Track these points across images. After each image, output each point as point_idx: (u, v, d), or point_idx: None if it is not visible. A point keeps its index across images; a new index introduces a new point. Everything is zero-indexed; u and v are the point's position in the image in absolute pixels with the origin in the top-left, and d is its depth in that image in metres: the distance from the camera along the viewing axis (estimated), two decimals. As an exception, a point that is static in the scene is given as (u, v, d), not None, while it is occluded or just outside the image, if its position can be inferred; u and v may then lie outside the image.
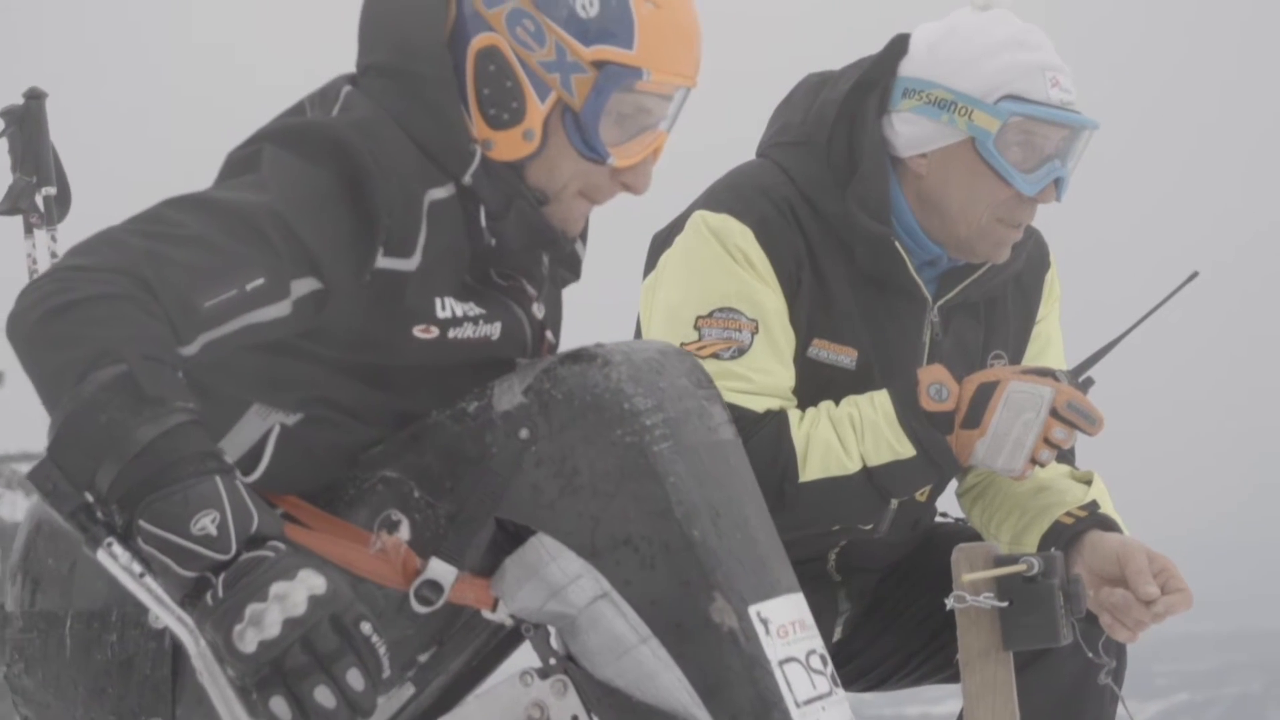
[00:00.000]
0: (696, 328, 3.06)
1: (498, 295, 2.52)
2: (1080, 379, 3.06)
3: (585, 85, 2.45)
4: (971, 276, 3.17)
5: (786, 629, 2.38)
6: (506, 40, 2.46)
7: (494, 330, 2.49)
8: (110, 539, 2.17)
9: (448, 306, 2.46)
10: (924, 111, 3.07)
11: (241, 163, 2.42)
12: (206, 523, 2.13)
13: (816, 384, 3.09)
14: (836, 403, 3.06)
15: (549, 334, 2.61)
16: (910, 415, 3.01)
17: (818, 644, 2.41)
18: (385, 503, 2.43)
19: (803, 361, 3.09)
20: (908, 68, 3.11)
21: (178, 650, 2.40)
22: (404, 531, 2.41)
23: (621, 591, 2.36)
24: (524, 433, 2.39)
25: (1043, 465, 3.04)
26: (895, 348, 3.12)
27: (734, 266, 3.07)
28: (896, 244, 3.09)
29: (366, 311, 2.41)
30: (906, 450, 3.01)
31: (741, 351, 3.04)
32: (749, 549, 2.39)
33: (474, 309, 2.48)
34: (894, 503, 3.13)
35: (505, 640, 2.57)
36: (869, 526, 3.14)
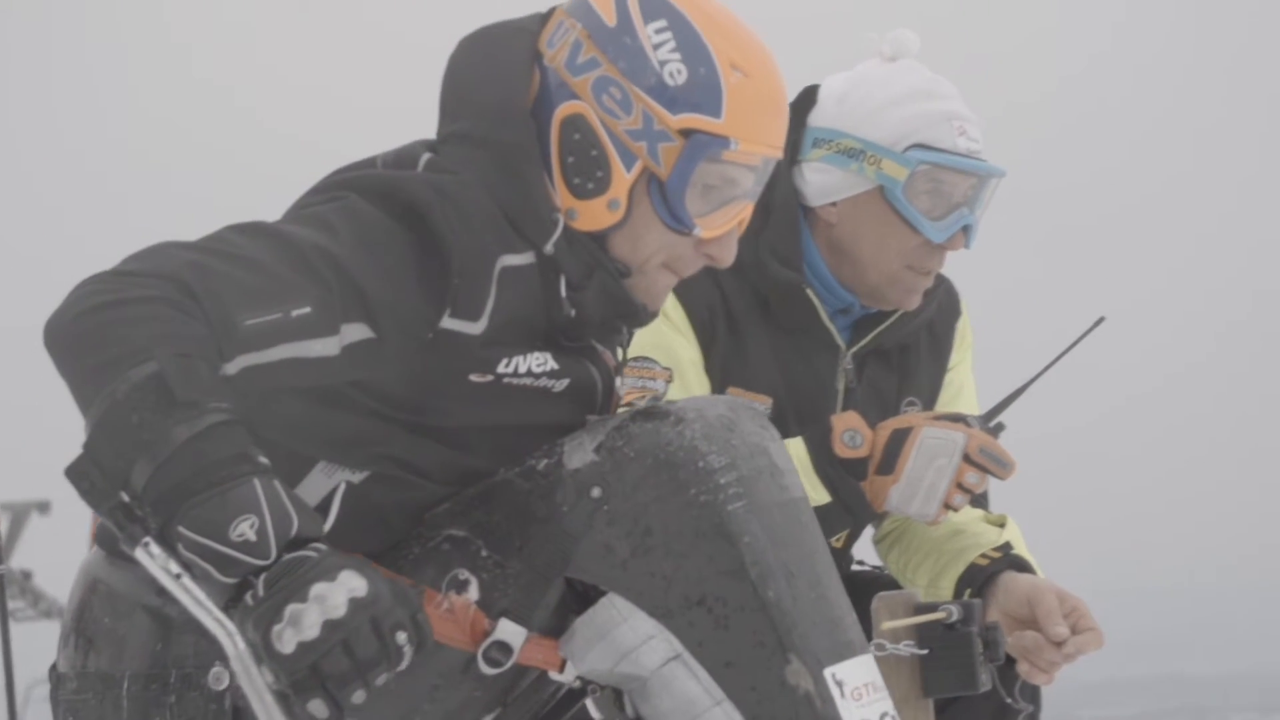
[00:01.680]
0: None
1: (570, 352, 2.49)
2: (991, 424, 3.10)
3: (672, 154, 2.41)
4: (884, 324, 3.20)
5: (861, 691, 2.36)
6: (592, 108, 2.43)
7: (558, 384, 2.46)
8: (147, 538, 2.13)
9: (512, 363, 2.42)
10: (833, 161, 3.11)
11: (307, 200, 2.39)
12: (245, 528, 2.10)
13: None
14: None
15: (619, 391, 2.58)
16: (825, 462, 3.04)
17: (889, 705, 2.40)
18: (452, 562, 2.40)
19: None
20: (817, 118, 3.15)
21: (238, 713, 2.37)
22: (472, 591, 2.38)
23: (694, 653, 2.33)
24: (596, 491, 2.37)
25: (956, 510, 3.08)
26: (809, 395, 3.15)
27: None
28: (809, 292, 3.12)
29: (425, 366, 2.37)
30: (821, 497, 3.03)
31: (656, 400, 3.04)
32: (823, 609, 2.37)
33: (548, 363, 2.44)
34: None
35: (566, 699, 2.52)
36: None
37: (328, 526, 2.39)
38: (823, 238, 3.15)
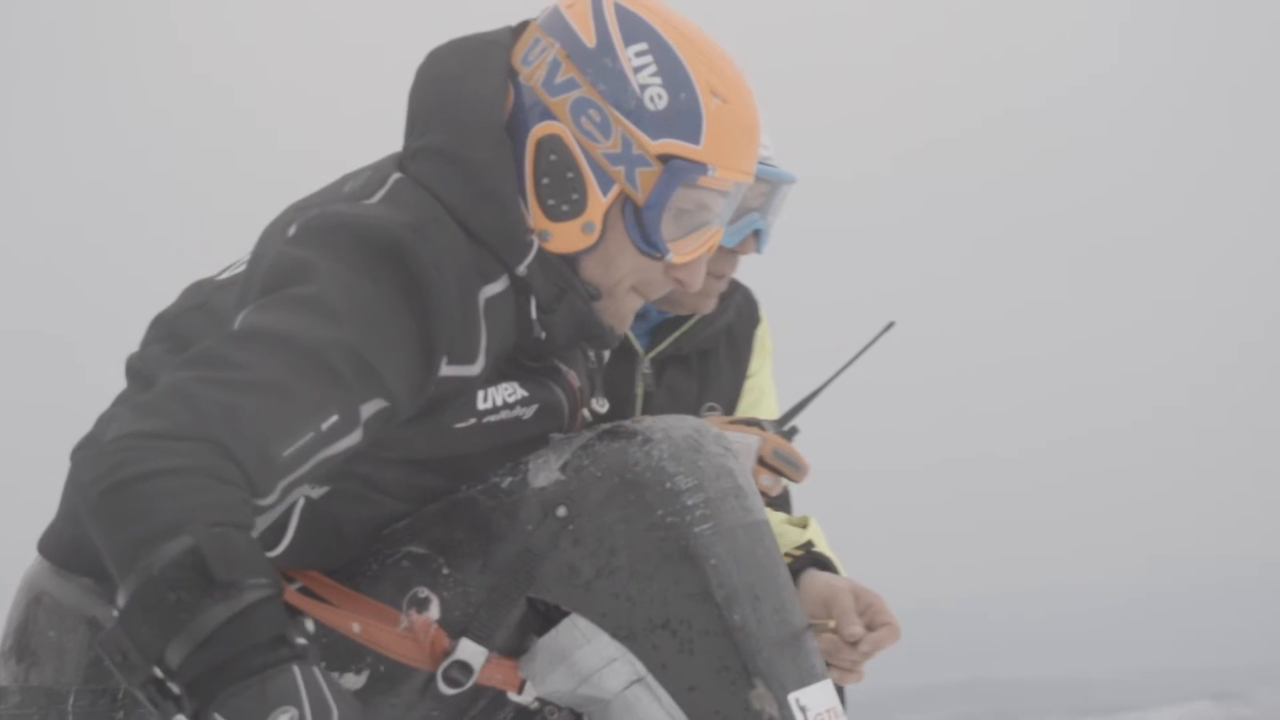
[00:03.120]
0: None
1: (534, 375, 2.46)
2: (785, 428, 3.13)
3: (650, 179, 2.38)
4: (681, 329, 3.24)
5: (823, 716, 2.35)
6: (570, 129, 2.39)
7: (528, 411, 2.43)
8: (180, 716, 2.05)
9: (489, 397, 2.39)
10: None
11: (292, 270, 2.28)
12: None
13: None
14: None
15: (584, 411, 2.55)
16: None
17: None
18: (412, 579, 2.36)
19: None
20: None
21: None
22: (433, 610, 2.34)
23: (658, 676, 2.32)
24: (561, 510, 2.34)
25: None
26: (611, 401, 3.07)
27: None
28: None
29: (419, 415, 2.34)
30: None
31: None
32: (786, 634, 2.36)
33: (516, 392, 2.41)
34: None
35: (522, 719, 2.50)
36: None
37: (285, 543, 2.35)
38: None
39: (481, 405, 2.37)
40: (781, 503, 3.26)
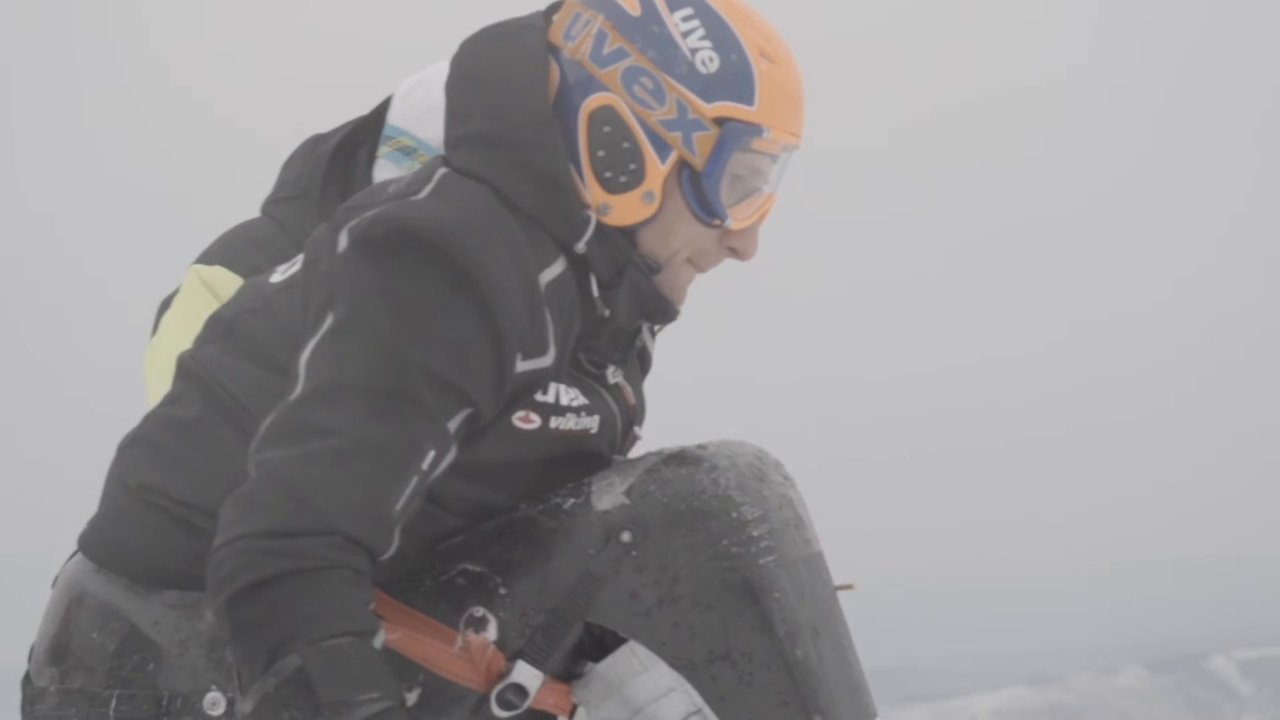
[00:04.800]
0: None
1: (594, 384, 2.41)
2: None
3: (708, 143, 2.34)
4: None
5: None
6: (623, 99, 2.34)
7: (593, 423, 2.39)
8: None
9: (551, 390, 2.35)
10: (393, 158, 3.12)
11: (350, 291, 2.25)
12: None
13: None
14: None
15: (636, 428, 2.51)
16: None
17: None
18: (468, 598, 2.32)
19: None
20: (391, 113, 3.17)
21: None
22: (491, 631, 2.30)
23: (715, 708, 2.28)
24: (626, 536, 2.30)
25: None
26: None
27: None
28: None
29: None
30: None
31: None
32: (844, 670, 2.34)
33: (578, 397, 2.38)
34: None
35: None
36: None
37: None
38: None
39: (542, 397, 2.34)
40: None
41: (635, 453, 2.50)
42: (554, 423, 2.35)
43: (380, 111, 3.17)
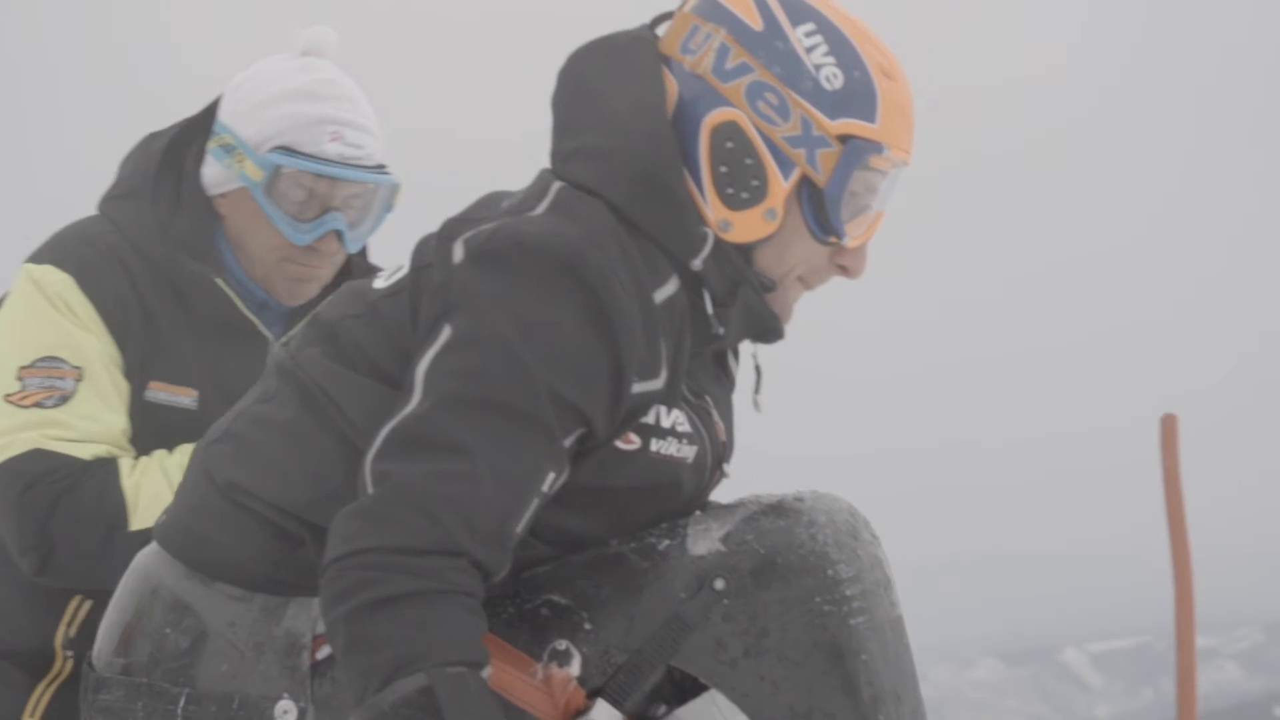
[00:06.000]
0: (19, 378, 3.00)
1: (696, 414, 2.37)
2: None
3: (830, 160, 2.30)
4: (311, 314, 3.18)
5: None
6: (747, 114, 2.30)
7: (691, 453, 2.35)
8: None
9: (653, 411, 2.31)
10: (216, 155, 3.10)
11: (471, 304, 2.21)
12: None
13: (159, 427, 3.06)
14: (171, 450, 3.06)
15: (725, 465, 2.47)
16: None
17: None
18: (551, 629, 2.28)
19: (141, 406, 3.06)
20: (220, 111, 3.15)
21: None
22: (575, 666, 2.26)
23: None
24: (719, 583, 2.27)
25: None
26: (237, 387, 3.02)
27: (55, 315, 3.03)
28: (220, 283, 3.09)
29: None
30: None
31: (65, 399, 2.99)
32: None
33: (683, 423, 2.34)
34: None
35: None
36: None
37: None
38: (225, 231, 3.13)
39: (649, 420, 2.30)
40: None
41: (718, 491, 2.46)
42: (654, 445, 2.31)
43: (212, 108, 3.14)
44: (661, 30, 2.41)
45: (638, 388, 2.25)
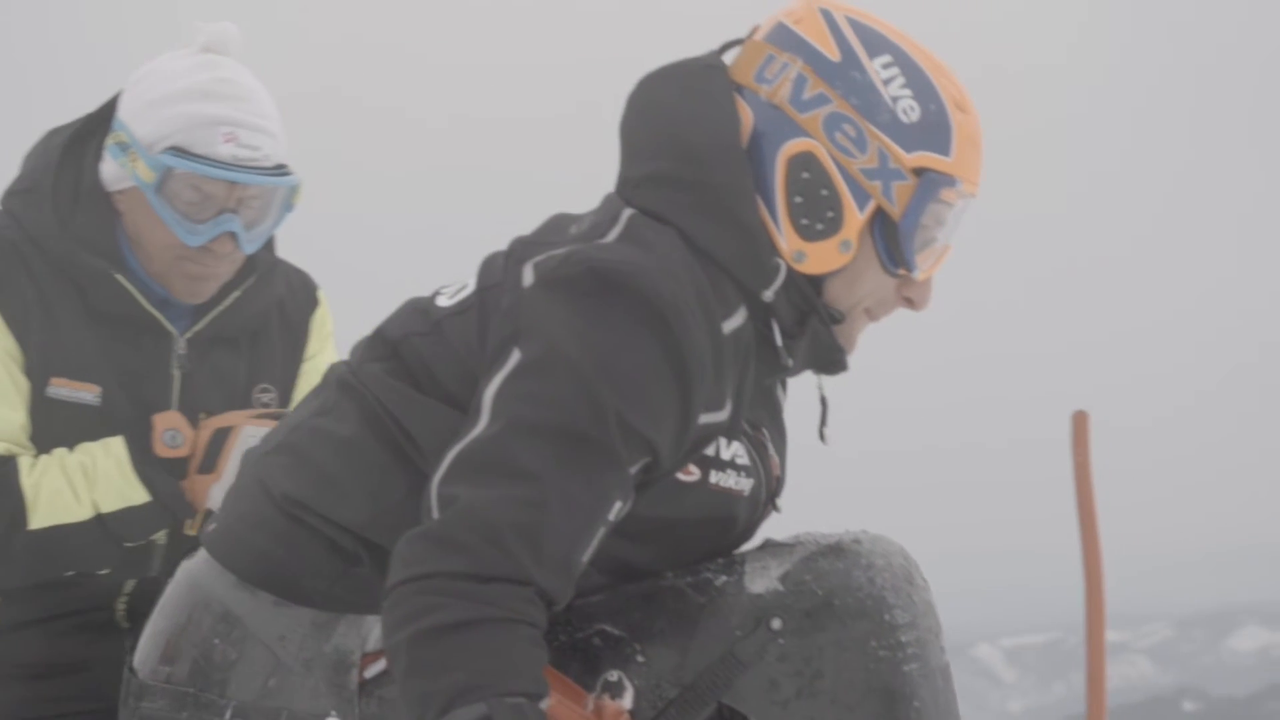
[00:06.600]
0: None
1: (753, 447, 2.36)
2: None
3: (905, 193, 2.30)
4: (217, 309, 3.15)
5: None
6: (824, 145, 2.29)
7: (748, 486, 2.33)
8: None
9: (722, 449, 2.30)
10: (113, 152, 3.05)
11: (543, 330, 2.18)
12: None
13: (61, 423, 3.02)
14: (72, 447, 3.02)
15: (776, 500, 2.46)
16: (143, 462, 2.98)
17: None
18: (603, 660, 2.27)
19: (44, 403, 3.01)
20: (119, 107, 3.09)
21: None
22: (627, 699, 2.25)
23: None
24: (776, 623, 2.26)
25: None
26: (142, 382, 3.08)
27: None
28: (120, 279, 3.04)
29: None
30: (140, 497, 2.96)
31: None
32: None
33: (743, 456, 2.32)
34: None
35: None
36: (105, 571, 3.06)
37: None
38: (123, 226, 3.07)
39: (709, 451, 2.29)
40: None
41: (765, 527, 2.45)
42: (713, 477, 2.29)
43: (114, 103, 3.09)
44: (730, 58, 2.39)
45: (704, 419, 2.23)
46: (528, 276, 2.23)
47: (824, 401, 2.45)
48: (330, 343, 3.30)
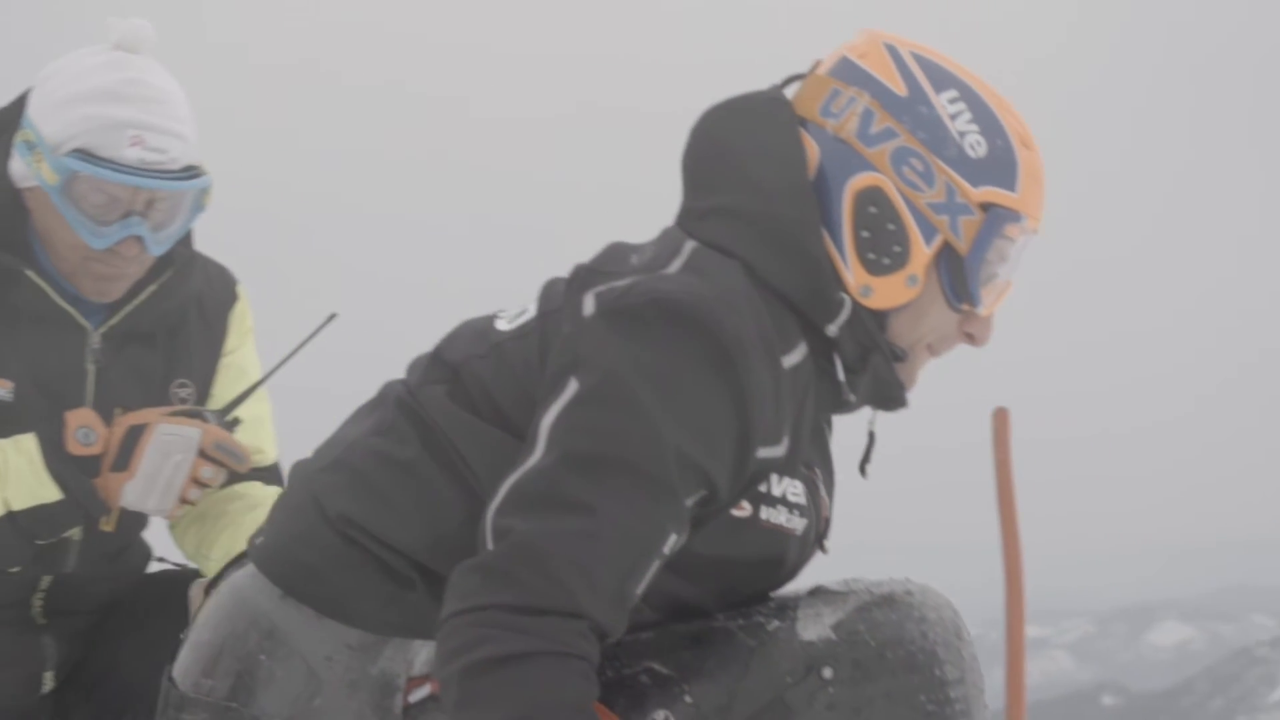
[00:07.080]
0: None
1: (808, 486, 2.34)
2: (227, 419, 3.13)
3: (972, 228, 2.29)
4: (132, 303, 3.13)
5: None
6: (891, 179, 2.28)
7: (800, 525, 2.31)
8: None
9: (776, 485, 2.28)
10: (19, 149, 3.02)
11: (603, 361, 2.15)
12: None
13: None
14: None
15: (825, 542, 2.43)
16: (55, 460, 2.97)
17: None
18: (650, 698, 2.25)
19: None
20: (30, 102, 3.05)
21: None
22: None
23: None
24: (828, 672, 2.25)
25: (193, 504, 3.09)
26: (55, 378, 3.06)
27: None
28: (32, 275, 3.01)
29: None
30: (51, 495, 2.96)
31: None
32: None
33: (799, 494, 2.30)
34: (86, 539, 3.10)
35: None
36: (16, 569, 3.06)
37: None
38: (33, 223, 3.04)
39: (761, 488, 2.26)
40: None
41: (810, 569, 2.44)
42: (764, 513, 2.27)
43: (25, 98, 3.05)
44: (791, 92, 2.38)
45: (761, 453, 2.21)
46: (589, 306, 2.20)
47: (871, 436, 2.44)
48: (250, 338, 3.27)
